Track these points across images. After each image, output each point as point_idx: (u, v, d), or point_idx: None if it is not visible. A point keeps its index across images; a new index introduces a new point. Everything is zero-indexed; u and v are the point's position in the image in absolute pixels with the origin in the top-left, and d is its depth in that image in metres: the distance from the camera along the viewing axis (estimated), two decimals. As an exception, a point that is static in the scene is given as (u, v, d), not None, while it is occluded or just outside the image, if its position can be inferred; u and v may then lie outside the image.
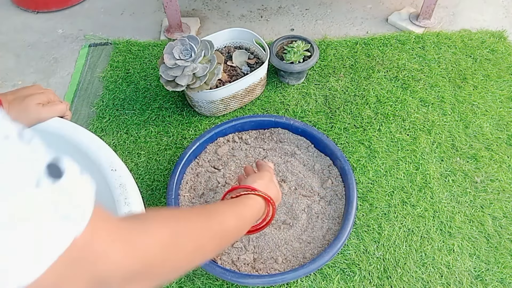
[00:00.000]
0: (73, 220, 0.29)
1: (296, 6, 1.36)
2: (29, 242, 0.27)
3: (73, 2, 1.38)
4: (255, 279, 0.72)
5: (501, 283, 0.78)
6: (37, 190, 0.27)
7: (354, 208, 0.79)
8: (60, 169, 0.29)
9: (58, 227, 0.28)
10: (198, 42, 0.91)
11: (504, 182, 0.91)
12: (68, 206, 0.29)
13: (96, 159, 0.60)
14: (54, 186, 0.28)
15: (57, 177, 0.28)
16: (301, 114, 1.03)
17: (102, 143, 0.62)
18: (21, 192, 0.26)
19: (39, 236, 0.27)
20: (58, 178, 0.29)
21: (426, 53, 1.16)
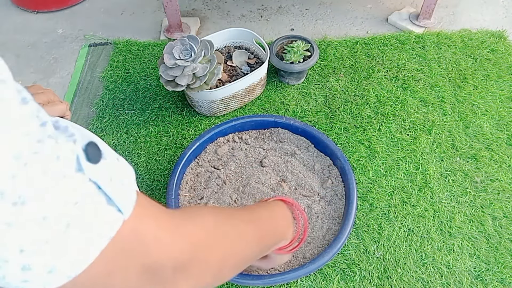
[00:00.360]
0: (119, 204, 0.28)
1: (296, 6, 1.36)
2: (78, 230, 0.26)
3: (73, 2, 1.38)
4: (255, 279, 0.72)
5: (501, 283, 0.78)
6: (78, 174, 0.27)
7: (354, 208, 0.79)
8: (99, 153, 0.28)
9: (105, 212, 0.27)
10: (198, 42, 0.91)
11: (504, 182, 0.91)
12: (112, 190, 0.28)
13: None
14: (94, 169, 0.27)
15: (96, 159, 0.28)
16: (301, 114, 1.03)
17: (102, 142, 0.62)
18: (64, 178, 0.26)
19: (86, 223, 0.26)
20: (97, 160, 0.28)
21: (426, 53, 1.16)
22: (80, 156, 0.27)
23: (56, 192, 0.25)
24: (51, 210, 0.25)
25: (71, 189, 0.26)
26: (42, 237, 0.24)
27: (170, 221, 0.34)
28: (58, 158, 0.25)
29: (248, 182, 0.86)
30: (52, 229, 0.25)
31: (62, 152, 0.26)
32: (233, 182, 0.87)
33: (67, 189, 0.26)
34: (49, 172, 0.25)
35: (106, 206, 0.28)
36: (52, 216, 0.25)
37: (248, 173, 0.87)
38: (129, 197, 0.30)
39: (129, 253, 0.30)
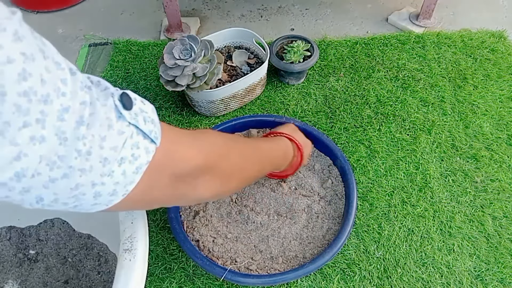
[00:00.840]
0: (153, 137, 0.38)
1: (296, 6, 1.36)
2: (127, 162, 0.36)
3: (73, 2, 1.38)
4: (255, 279, 0.72)
5: (501, 283, 0.78)
6: (120, 121, 0.36)
7: (354, 208, 0.79)
8: (130, 99, 0.37)
9: (143, 145, 0.37)
10: (198, 42, 0.91)
11: (504, 182, 0.91)
12: (146, 126, 0.38)
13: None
14: (131, 113, 0.37)
15: (130, 105, 0.37)
16: (301, 114, 1.03)
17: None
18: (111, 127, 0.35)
19: (133, 156, 0.36)
20: (131, 106, 0.37)
21: (426, 53, 1.16)
22: (118, 106, 0.36)
23: (110, 138, 0.34)
24: (108, 152, 0.34)
25: (118, 133, 0.35)
26: (105, 171, 0.35)
27: (191, 141, 0.46)
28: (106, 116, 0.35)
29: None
30: (110, 164, 0.35)
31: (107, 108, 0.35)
32: (233, 182, 0.87)
33: (116, 135, 0.35)
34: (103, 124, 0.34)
35: (143, 140, 0.37)
36: (109, 156, 0.34)
37: (248, 173, 0.87)
38: (158, 130, 0.39)
39: (162, 169, 0.40)
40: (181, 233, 0.76)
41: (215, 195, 0.51)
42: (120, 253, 0.50)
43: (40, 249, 0.85)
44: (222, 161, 0.50)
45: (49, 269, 0.84)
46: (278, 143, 0.73)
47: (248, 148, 0.60)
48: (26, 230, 0.86)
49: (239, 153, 0.56)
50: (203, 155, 0.45)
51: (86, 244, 0.85)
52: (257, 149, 0.64)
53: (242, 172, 0.56)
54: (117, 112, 0.35)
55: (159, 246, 0.84)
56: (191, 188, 0.46)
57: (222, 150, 0.50)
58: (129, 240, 0.51)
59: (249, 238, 0.80)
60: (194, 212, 0.83)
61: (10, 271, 0.83)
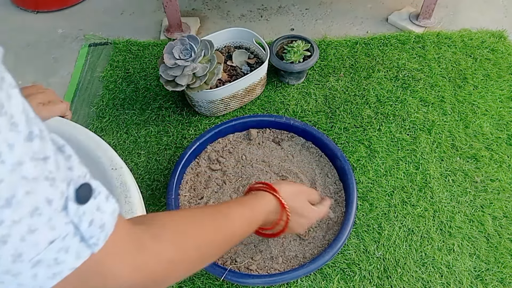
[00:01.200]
0: (91, 243, 0.31)
1: (296, 6, 1.36)
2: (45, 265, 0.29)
3: (73, 2, 1.38)
4: (255, 279, 0.72)
5: (501, 283, 0.78)
6: (62, 213, 0.29)
7: (354, 208, 0.79)
8: (90, 192, 0.31)
9: (75, 249, 0.30)
10: (198, 42, 0.91)
11: (504, 181, 0.91)
12: (88, 229, 0.31)
13: (96, 158, 0.60)
14: (79, 209, 0.30)
15: (85, 199, 0.30)
16: (301, 114, 1.03)
17: (102, 142, 0.62)
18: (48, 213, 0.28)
19: (56, 260, 0.29)
20: (86, 200, 0.30)
21: (426, 52, 1.16)
22: (69, 197, 0.29)
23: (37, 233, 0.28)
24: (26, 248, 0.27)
25: (49, 228, 0.28)
26: (12, 269, 0.28)
27: (134, 255, 0.37)
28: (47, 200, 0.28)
29: (248, 182, 0.86)
30: (21, 264, 0.28)
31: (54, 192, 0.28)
32: (233, 182, 0.87)
33: (46, 230, 0.28)
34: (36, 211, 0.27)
35: (78, 244, 0.30)
36: (25, 253, 0.27)
37: (248, 173, 0.87)
38: (103, 237, 0.32)
39: (87, 282, 0.33)
40: (181, 233, 0.76)
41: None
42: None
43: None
44: (160, 282, 0.40)
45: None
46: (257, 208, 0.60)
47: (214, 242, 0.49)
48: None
49: (196, 258, 0.45)
50: (141, 276, 0.37)
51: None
52: (227, 236, 0.52)
53: (191, 272, 0.46)
54: (63, 201, 0.29)
55: (159, 246, 0.84)
56: None
57: (170, 265, 0.41)
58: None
59: (249, 238, 0.80)
60: (194, 212, 0.83)
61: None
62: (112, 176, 0.58)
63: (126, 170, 0.59)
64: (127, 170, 0.59)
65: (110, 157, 0.60)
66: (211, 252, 0.49)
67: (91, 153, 0.61)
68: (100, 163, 0.59)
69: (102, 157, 0.60)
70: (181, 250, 0.43)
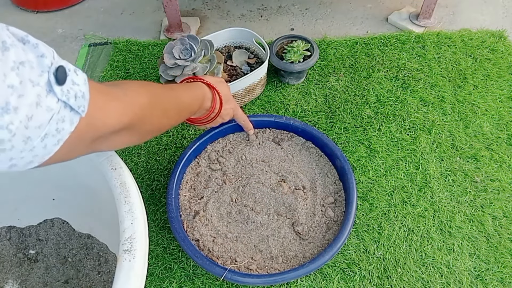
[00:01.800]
0: (79, 110, 0.39)
1: (296, 6, 1.36)
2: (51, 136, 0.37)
3: (72, 2, 1.38)
4: (255, 279, 0.72)
5: (501, 283, 0.78)
6: (50, 95, 0.36)
7: (354, 208, 0.79)
8: (65, 72, 0.37)
9: (68, 118, 0.38)
10: (198, 42, 0.91)
11: (504, 181, 0.91)
12: (76, 102, 0.38)
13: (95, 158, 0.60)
14: (63, 89, 0.37)
15: (63, 79, 0.37)
16: (301, 114, 1.03)
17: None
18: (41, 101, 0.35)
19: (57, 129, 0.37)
20: (64, 80, 0.37)
21: (426, 52, 1.16)
22: (52, 82, 0.36)
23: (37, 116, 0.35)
24: (33, 131, 0.35)
25: (46, 110, 0.35)
26: (26, 148, 0.36)
27: (116, 105, 0.46)
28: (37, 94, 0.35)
29: (248, 182, 0.86)
30: (32, 141, 0.35)
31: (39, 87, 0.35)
32: (233, 181, 0.87)
33: (44, 112, 0.35)
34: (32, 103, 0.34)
35: (69, 113, 0.38)
36: (33, 135, 0.35)
37: (248, 173, 0.87)
38: (87, 103, 0.40)
39: (84, 136, 0.42)
40: (181, 232, 0.76)
41: (130, 145, 0.54)
42: (120, 254, 0.50)
43: (40, 249, 0.85)
44: (144, 122, 0.52)
45: (49, 269, 0.84)
46: (196, 91, 0.71)
47: (170, 103, 0.61)
48: (26, 230, 0.86)
49: (161, 111, 0.57)
50: (126, 118, 0.47)
51: (86, 244, 0.85)
52: (178, 103, 0.64)
53: (161, 127, 0.60)
54: (48, 87, 0.35)
55: (159, 246, 0.84)
56: (109, 145, 0.49)
57: (146, 112, 0.52)
58: (128, 240, 0.51)
59: (249, 237, 0.80)
60: (194, 212, 0.83)
61: (10, 271, 0.83)
62: (112, 176, 0.57)
63: (125, 170, 0.59)
64: (127, 170, 0.59)
65: (109, 157, 0.60)
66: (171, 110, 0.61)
67: (91, 153, 0.61)
68: (100, 163, 0.59)
69: (102, 157, 0.60)
70: (149, 99, 0.53)
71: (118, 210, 0.54)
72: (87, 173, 0.66)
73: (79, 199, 0.78)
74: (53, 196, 0.83)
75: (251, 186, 0.84)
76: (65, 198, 0.81)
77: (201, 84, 0.73)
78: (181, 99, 0.65)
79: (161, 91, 0.60)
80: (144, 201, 0.85)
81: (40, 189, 0.81)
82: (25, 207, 0.84)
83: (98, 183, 0.62)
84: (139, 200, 0.56)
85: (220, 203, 0.84)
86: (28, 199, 0.83)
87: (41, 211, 0.86)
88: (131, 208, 0.54)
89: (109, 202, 0.57)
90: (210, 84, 0.73)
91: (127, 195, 0.55)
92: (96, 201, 0.71)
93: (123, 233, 0.52)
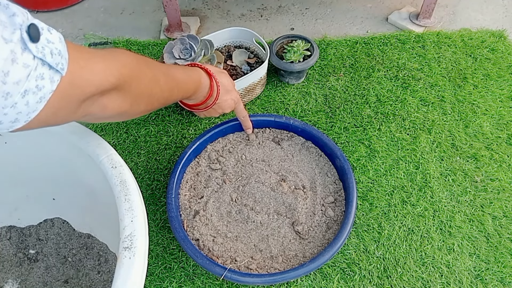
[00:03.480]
0: (58, 67, 0.38)
1: (296, 6, 1.36)
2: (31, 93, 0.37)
3: (72, 2, 1.38)
4: (255, 278, 0.72)
5: (501, 283, 0.78)
6: (25, 52, 0.35)
7: (354, 207, 0.79)
8: (37, 30, 0.37)
9: (48, 76, 0.38)
10: (198, 41, 0.91)
11: (504, 181, 0.91)
12: (52, 59, 0.38)
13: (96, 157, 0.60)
14: (38, 46, 0.37)
15: (37, 37, 0.37)
16: (301, 114, 1.03)
17: (102, 140, 0.62)
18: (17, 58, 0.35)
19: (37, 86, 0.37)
20: (38, 38, 0.37)
21: (426, 52, 1.16)
22: (25, 39, 0.35)
23: (13, 72, 0.35)
24: (11, 87, 0.35)
25: (22, 66, 0.35)
26: (7, 104, 0.36)
27: (100, 63, 0.44)
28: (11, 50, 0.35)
29: (248, 181, 0.86)
30: (12, 97, 0.36)
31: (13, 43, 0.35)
32: (233, 181, 0.87)
33: (20, 68, 0.35)
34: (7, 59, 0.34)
35: (48, 71, 0.38)
36: (12, 90, 0.35)
37: (248, 173, 0.87)
38: (65, 61, 0.39)
39: (68, 96, 0.41)
40: (181, 232, 0.76)
41: (123, 113, 0.52)
42: (120, 251, 0.50)
43: (40, 249, 0.85)
44: (132, 83, 0.50)
45: (49, 268, 0.83)
46: (192, 73, 0.70)
47: (160, 73, 0.59)
48: (26, 229, 0.86)
49: (150, 76, 0.55)
50: (113, 77, 0.46)
51: (86, 244, 0.85)
52: (169, 75, 0.62)
53: (152, 96, 0.57)
54: (22, 44, 0.35)
55: (159, 246, 0.84)
56: (100, 108, 0.47)
57: (133, 72, 0.50)
58: (128, 238, 0.51)
59: (249, 237, 0.80)
60: (194, 212, 0.83)
61: (10, 270, 0.83)
62: (112, 174, 0.58)
63: (126, 169, 0.59)
64: (127, 168, 0.59)
65: (109, 156, 0.60)
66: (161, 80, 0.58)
67: (90, 152, 0.61)
68: (100, 161, 0.59)
69: (102, 156, 0.60)
70: (136, 60, 0.52)
71: (118, 208, 0.54)
72: (87, 171, 0.66)
73: (79, 199, 0.78)
74: (53, 196, 0.83)
75: (251, 186, 0.84)
76: (65, 197, 0.81)
77: (199, 70, 0.72)
78: (174, 74, 0.63)
79: (150, 60, 0.58)
80: (144, 200, 0.85)
81: (40, 189, 0.81)
82: (25, 207, 0.84)
83: (98, 181, 0.62)
84: (139, 198, 0.56)
85: (220, 202, 0.84)
86: (28, 199, 0.83)
87: (41, 211, 0.86)
88: (131, 206, 0.54)
89: (109, 202, 0.57)
90: (208, 71, 0.72)
91: (127, 193, 0.55)
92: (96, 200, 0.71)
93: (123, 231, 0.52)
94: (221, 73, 0.76)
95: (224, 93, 0.75)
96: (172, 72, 0.63)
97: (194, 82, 0.69)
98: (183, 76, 0.66)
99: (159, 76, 0.58)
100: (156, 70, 0.58)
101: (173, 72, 0.63)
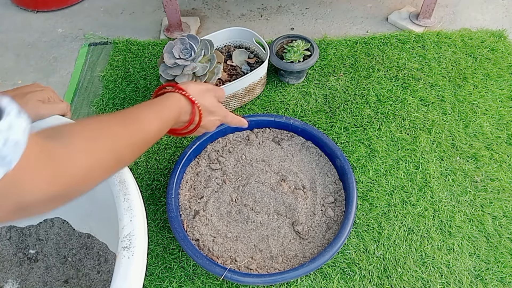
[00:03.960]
0: (6, 162, 0.33)
1: (296, 5, 1.36)
2: None
3: (72, 2, 1.38)
4: (255, 278, 0.72)
5: (501, 282, 0.78)
6: None
7: (354, 207, 0.79)
8: (0, 112, 0.32)
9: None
10: (198, 41, 0.91)
11: (504, 181, 0.91)
12: (2, 149, 0.32)
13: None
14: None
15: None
16: (301, 114, 1.03)
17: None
18: None
19: None
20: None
21: (426, 52, 1.16)
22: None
23: None
24: None
25: None
26: None
27: (53, 162, 0.39)
28: None
29: (248, 181, 0.86)
30: None
31: None
32: (233, 181, 0.87)
33: None
34: None
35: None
36: None
37: (248, 173, 0.87)
38: (17, 154, 0.34)
39: (5, 195, 0.35)
40: (181, 232, 0.76)
41: None
42: (119, 251, 0.50)
43: (40, 249, 0.85)
44: (81, 188, 0.43)
45: (49, 268, 0.83)
46: (169, 111, 0.60)
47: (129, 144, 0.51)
48: (26, 229, 0.86)
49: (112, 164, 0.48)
50: (58, 187, 0.39)
51: (86, 244, 0.85)
52: (143, 137, 0.53)
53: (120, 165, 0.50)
54: None
55: (159, 246, 0.84)
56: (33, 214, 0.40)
57: (86, 171, 0.43)
58: (127, 237, 0.51)
59: (249, 237, 0.80)
60: (194, 212, 0.83)
61: (10, 270, 0.83)
62: (112, 175, 0.57)
63: (125, 168, 0.58)
64: (127, 167, 0.59)
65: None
66: (126, 155, 0.50)
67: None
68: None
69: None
70: (94, 155, 0.44)
71: (117, 208, 0.54)
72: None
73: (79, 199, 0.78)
74: (53, 195, 0.83)
75: (251, 186, 0.84)
76: (65, 197, 0.81)
77: (177, 96, 0.63)
78: (147, 131, 0.54)
79: (121, 132, 0.50)
80: (144, 200, 0.85)
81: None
82: (25, 207, 0.84)
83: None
84: (139, 198, 0.56)
85: (220, 202, 0.84)
86: (28, 199, 0.83)
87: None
88: (130, 206, 0.54)
89: (109, 202, 0.57)
90: (189, 97, 0.64)
91: (126, 192, 0.55)
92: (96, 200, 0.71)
93: (122, 230, 0.52)
94: (204, 92, 0.67)
95: (207, 115, 0.68)
96: (145, 131, 0.54)
97: (170, 120, 0.60)
98: (158, 124, 0.57)
99: (122, 153, 0.50)
100: (124, 147, 0.50)
101: (146, 129, 0.54)
